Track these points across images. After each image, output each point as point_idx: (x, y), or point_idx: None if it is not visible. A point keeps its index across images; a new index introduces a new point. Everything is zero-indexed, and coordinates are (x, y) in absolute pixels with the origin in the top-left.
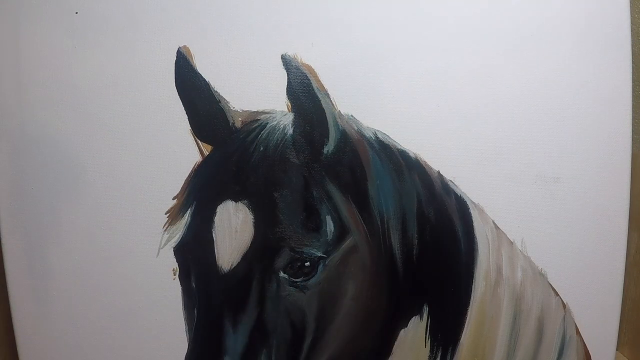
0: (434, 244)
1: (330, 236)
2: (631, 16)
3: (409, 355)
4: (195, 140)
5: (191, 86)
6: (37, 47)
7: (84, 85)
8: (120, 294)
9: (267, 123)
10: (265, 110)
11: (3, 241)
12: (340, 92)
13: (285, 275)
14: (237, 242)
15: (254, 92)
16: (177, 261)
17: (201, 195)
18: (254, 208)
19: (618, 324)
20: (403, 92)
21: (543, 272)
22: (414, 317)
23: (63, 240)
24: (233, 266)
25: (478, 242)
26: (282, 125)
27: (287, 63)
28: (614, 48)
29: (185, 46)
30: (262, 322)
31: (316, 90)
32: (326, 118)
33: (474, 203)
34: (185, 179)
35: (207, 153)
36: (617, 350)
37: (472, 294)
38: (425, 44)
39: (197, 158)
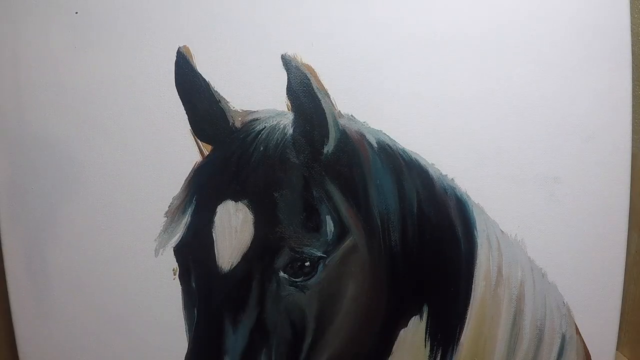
0: (434, 244)
1: (330, 236)
2: (631, 16)
3: (409, 355)
4: (195, 140)
5: (191, 86)
6: (37, 47)
7: (84, 85)
8: (120, 294)
9: (267, 123)
10: (265, 110)
11: (3, 241)
12: (340, 92)
13: (285, 275)
14: (237, 242)
15: (254, 92)
16: (177, 261)
17: (201, 195)
18: (254, 208)
19: (618, 324)
20: (403, 92)
21: (543, 272)
22: (414, 317)
23: (63, 240)
24: (233, 266)
25: (478, 242)
26: (282, 125)
27: (287, 63)
28: (614, 48)
29: (185, 46)
30: (262, 322)
31: (316, 90)
32: (326, 118)
33: (474, 203)
34: (185, 179)
35: (207, 153)
36: (617, 350)
37: (472, 294)
38: (425, 44)
39: (197, 158)
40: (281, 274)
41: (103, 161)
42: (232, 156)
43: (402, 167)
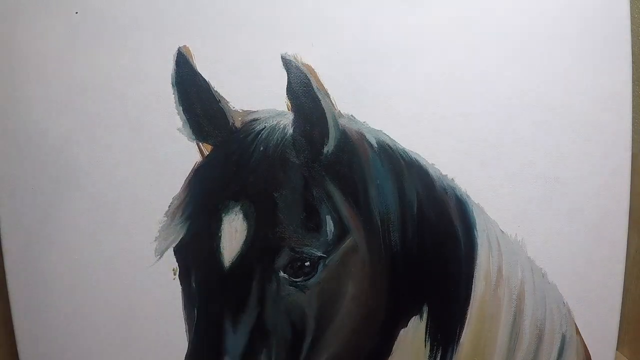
0: (434, 244)
1: (330, 236)
2: (631, 16)
3: (408, 355)
4: (196, 141)
5: (191, 86)
6: (37, 47)
7: (84, 85)
8: (120, 294)
9: (267, 123)
10: (265, 110)
11: (3, 241)
12: (340, 92)
13: (285, 275)
14: (237, 242)
15: (254, 92)
16: (177, 261)
17: (201, 195)
18: (254, 208)
19: (618, 324)
20: (403, 92)
21: (543, 272)
22: (414, 317)
23: (63, 240)
24: (233, 266)
25: (478, 242)
26: (282, 125)
27: (287, 63)
28: (614, 48)
29: (185, 46)
30: (262, 322)
31: (316, 90)
32: (326, 118)
33: (474, 203)
34: (185, 179)
35: (207, 153)
36: (617, 350)
37: (472, 294)
38: (425, 44)
39: (197, 158)
40: (281, 273)
41: (103, 161)
42: (232, 156)
43: (402, 167)
